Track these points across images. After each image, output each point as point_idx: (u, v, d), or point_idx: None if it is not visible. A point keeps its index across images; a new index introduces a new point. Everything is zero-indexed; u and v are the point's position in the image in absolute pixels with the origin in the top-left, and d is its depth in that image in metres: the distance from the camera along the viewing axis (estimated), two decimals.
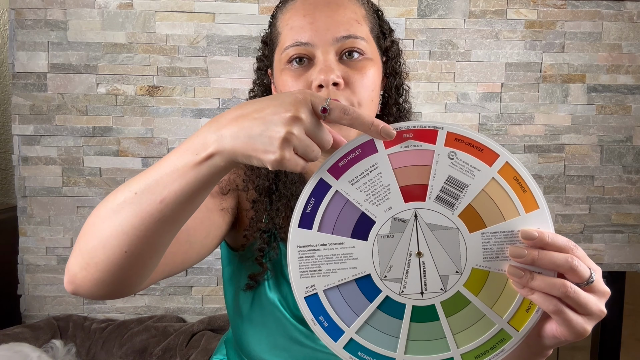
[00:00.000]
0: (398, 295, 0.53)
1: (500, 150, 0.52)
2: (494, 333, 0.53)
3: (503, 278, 0.52)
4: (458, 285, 0.53)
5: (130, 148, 1.66)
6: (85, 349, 1.53)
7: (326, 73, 0.64)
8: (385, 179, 0.52)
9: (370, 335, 0.54)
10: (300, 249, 0.54)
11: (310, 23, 0.67)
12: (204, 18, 1.63)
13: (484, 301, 0.53)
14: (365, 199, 0.53)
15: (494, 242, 0.52)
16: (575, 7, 1.67)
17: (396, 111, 0.79)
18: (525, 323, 0.52)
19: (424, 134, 0.52)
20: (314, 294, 0.54)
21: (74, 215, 1.66)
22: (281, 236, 0.76)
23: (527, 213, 0.52)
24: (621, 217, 1.73)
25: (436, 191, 0.52)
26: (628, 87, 1.70)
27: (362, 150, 0.53)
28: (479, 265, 0.52)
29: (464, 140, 0.52)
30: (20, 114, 1.63)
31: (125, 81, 1.64)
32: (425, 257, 0.53)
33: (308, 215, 0.53)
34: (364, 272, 0.53)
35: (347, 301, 0.54)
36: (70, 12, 1.61)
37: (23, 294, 1.68)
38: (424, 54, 1.67)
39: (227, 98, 1.66)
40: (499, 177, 0.52)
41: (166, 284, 1.70)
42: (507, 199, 0.52)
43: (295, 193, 0.75)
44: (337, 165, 0.53)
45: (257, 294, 0.75)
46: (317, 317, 0.54)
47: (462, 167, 0.52)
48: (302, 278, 0.54)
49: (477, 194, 0.52)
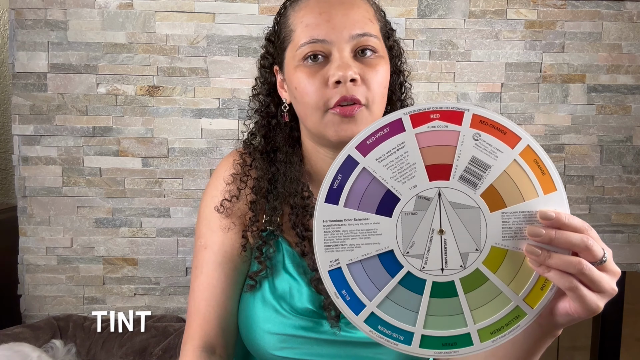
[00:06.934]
0: (419, 271, 0.54)
1: (522, 134, 0.53)
2: (509, 310, 0.54)
3: (520, 256, 0.53)
4: (477, 262, 0.54)
5: (130, 148, 1.66)
6: (85, 349, 1.53)
7: (344, 69, 0.66)
8: (412, 157, 0.54)
9: (391, 309, 0.55)
10: (326, 223, 0.55)
11: (326, 21, 0.68)
12: (204, 18, 1.63)
13: (502, 278, 0.54)
14: (392, 177, 0.54)
15: (513, 222, 0.53)
16: (575, 7, 1.67)
17: (400, 107, 0.80)
18: (540, 300, 0.54)
19: (450, 115, 0.53)
20: (338, 268, 0.55)
21: (74, 215, 1.66)
22: (278, 233, 0.77)
23: (545, 195, 0.53)
24: (621, 217, 1.73)
25: (460, 171, 0.53)
26: (628, 87, 1.70)
27: (390, 129, 0.54)
28: (498, 243, 0.54)
29: (488, 123, 0.53)
30: (20, 114, 1.63)
31: (125, 81, 1.64)
32: (446, 235, 0.54)
33: (335, 191, 0.55)
34: (387, 247, 0.54)
35: (370, 276, 0.55)
36: (70, 12, 1.61)
37: (23, 294, 1.68)
38: (424, 54, 1.67)
39: (227, 98, 1.66)
40: (520, 159, 0.53)
41: (166, 284, 1.70)
42: (527, 181, 0.53)
43: (294, 191, 0.75)
44: (365, 142, 0.54)
45: (259, 294, 0.75)
46: (339, 290, 0.55)
47: (486, 149, 0.53)
48: (327, 252, 0.55)
49: (499, 174, 0.53)
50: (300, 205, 0.75)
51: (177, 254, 1.69)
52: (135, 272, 1.69)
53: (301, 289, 0.74)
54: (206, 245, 0.77)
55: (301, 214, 0.75)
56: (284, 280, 0.75)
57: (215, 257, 0.75)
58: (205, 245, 0.77)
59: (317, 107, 0.68)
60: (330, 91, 0.67)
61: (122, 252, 1.69)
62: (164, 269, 1.70)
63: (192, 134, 1.66)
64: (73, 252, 1.68)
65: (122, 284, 1.70)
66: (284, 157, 0.78)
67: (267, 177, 0.78)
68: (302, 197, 0.75)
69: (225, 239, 0.76)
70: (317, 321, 0.73)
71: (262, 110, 0.82)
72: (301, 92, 0.69)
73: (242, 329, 0.78)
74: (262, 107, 0.82)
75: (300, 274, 0.75)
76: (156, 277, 1.70)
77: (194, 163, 1.67)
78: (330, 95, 0.67)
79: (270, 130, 0.81)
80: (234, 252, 0.76)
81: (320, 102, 0.68)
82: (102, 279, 1.69)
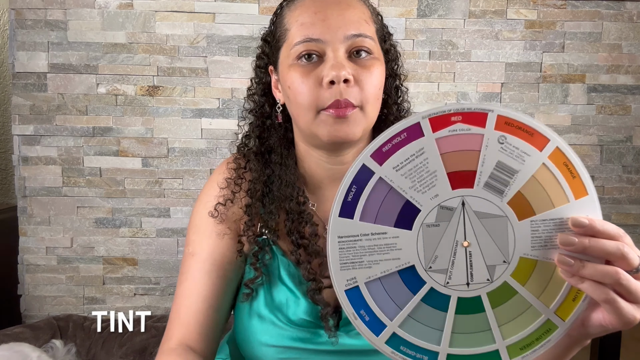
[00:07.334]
0: (443, 286, 0.52)
1: (551, 135, 0.50)
2: (540, 323, 0.52)
3: (551, 267, 0.51)
4: (505, 275, 0.51)
5: (130, 148, 1.66)
6: (85, 349, 1.53)
7: (338, 69, 0.65)
8: (432, 164, 0.50)
9: (414, 328, 0.52)
10: (341, 239, 0.51)
11: (322, 20, 0.67)
12: (204, 18, 1.63)
13: (531, 291, 0.51)
14: (411, 186, 0.51)
15: (542, 230, 0.50)
16: (575, 7, 1.67)
17: (396, 110, 0.79)
18: (572, 312, 0.51)
19: (473, 117, 0.50)
20: (355, 287, 0.52)
21: (74, 215, 1.66)
22: (274, 240, 0.75)
23: (576, 200, 0.50)
24: (621, 217, 1.73)
25: (485, 177, 0.50)
26: (628, 87, 1.70)
27: (407, 134, 0.50)
28: (527, 254, 0.51)
29: (514, 124, 0.50)
30: (21, 114, 1.63)
31: (125, 81, 1.64)
32: (472, 247, 0.51)
33: (349, 204, 0.51)
34: (407, 263, 0.51)
35: (390, 294, 0.52)
36: (70, 12, 1.61)
37: (23, 294, 1.68)
38: (424, 54, 1.67)
39: (227, 98, 1.66)
40: (549, 162, 0.50)
41: (166, 284, 1.70)
42: (556, 186, 0.50)
43: (289, 195, 0.74)
44: (381, 150, 0.51)
45: (255, 304, 0.74)
46: (358, 311, 0.52)
47: (512, 152, 0.50)
48: (343, 270, 0.51)
49: (526, 180, 0.50)
50: (296, 211, 0.74)
51: (177, 254, 1.69)
52: (135, 272, 1.69)
53: (298, 301, 0.72)
54: (194, 253, 0.75)
55: (297, 221, 0.74)
56: (280, 291, 0.74)
57: (202, 265, 0.74)
58: (193, 252, 0.75)
59: (310, 107, 0.67)
60: (324, 91, 0.66)
61: (122, 252, 1.69)
62: (164, 269, 1.70)
63: (192, 134, 1.66)
64: (73, 252, 1.68)
65: (122, 284, 1.70)
66: (279, 158, 0.77)
67: (262, 180, 0.76)
68: (298, 203, 0.74)
69: (216, 246, 0.74)
70: (314, 331, 0.72)
71: (257, 110, 0.80)
72: (294, 92, 0.68)
73: (239, 340, 0.76)
74: (256, 107, 0.80)
75: (296, 284, 0.73)
76: (156, 277, 1.70)
77: (194, 163, 1.67)
78: (324, 96, 0.66)
79: (264, 131, 0.79)
80: (224, 260, 0.74)
81: (313, 102, 0.67)
82: (102, 279, 1.69)
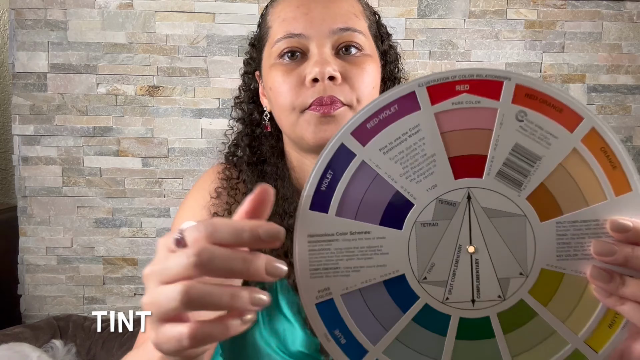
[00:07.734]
0: (441, 303, 0.40)
1: (585, 112, 0.39)
2: (565, 355, 0.40)
3: (581, 283, 0.39)
4: (522, 291, 0.40)
5: (130, 148, 1.66)
6: (85, 349, 1.53)
7: (322, 65, 0.58)
8: (430, 146, 0.39)
9: (403, 356, 0.41)
10: (312, 239, 0.40)
11: (304, 14, 0.61)
12: (204, 18, 1.63)
13: (555, 313, 0.40)
14: (402, 174, 0.40)
15: (572, 235, 0.39)
16: (575, 7, 1.67)
17: None
18: (607, 342, 0.40)
19: (484, 86, 0.39)
20: (329, 300, 0.40)
21: (74, 215, 1.66)
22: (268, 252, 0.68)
23: (616, 197, 0.39)
24: None
25: (498, 165, 0.39)
26: (628, 87, 1.70)
27: (399, 107, 0.39)
28: (551, 265, 0.40)
29: (538, 97, 0.39)
30: (21, 114, 1.63)
31: (125, 81, 1.64)
32: (479, 253, 0.40)
33: (323, 194, 0.40)
34: (396, 271, 0.40)
35: (373, 310, 0.41)
36: (70, 12, 1.61)
37: (23, 294, 1.68)
38: (424, 54, 1.67)
39: (227, 98, 1.66)
40: (583, 147, 0.39)
41: None
42: (591, 177, 0.39)
43: (286, 211, 0.65)
44: (365, 126, 0.39)
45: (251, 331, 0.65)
46: (331, 330, 0.40)
47: (535, 133, 0.39)
48: (314, 278, 0.40)
49: (552, 169, 0.39)
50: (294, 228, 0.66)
51: None
52: (135, 272, 1.69)
53: (294, 332, 0.63)
54: None
55: None
56: (278, 320, 0.65)
57: None
58: None
59: (292, 108, 0.61)
60: (307, 90, 0.59)
61: (122, 252, 1.69)
62: None
63: (192, 134, 1.66)
64: (73, 252, 1.68)
65: (122, 284, 1.70)
66: (274, 170, 0.70)
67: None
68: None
69: None
70: None
71: (245, 119, 0.74)
72: (275, 93, 0.62)
73: None
74: (245, 116, 0.74)
75: (294, 313, 0.64)
76: None
77: (194, 163, 1.67)
78: (306, 94, 0.59)
79: (254, 140, 0.73)
80: None
81: (295, 102, 0.60)
82: (102, 279, 1.69)
